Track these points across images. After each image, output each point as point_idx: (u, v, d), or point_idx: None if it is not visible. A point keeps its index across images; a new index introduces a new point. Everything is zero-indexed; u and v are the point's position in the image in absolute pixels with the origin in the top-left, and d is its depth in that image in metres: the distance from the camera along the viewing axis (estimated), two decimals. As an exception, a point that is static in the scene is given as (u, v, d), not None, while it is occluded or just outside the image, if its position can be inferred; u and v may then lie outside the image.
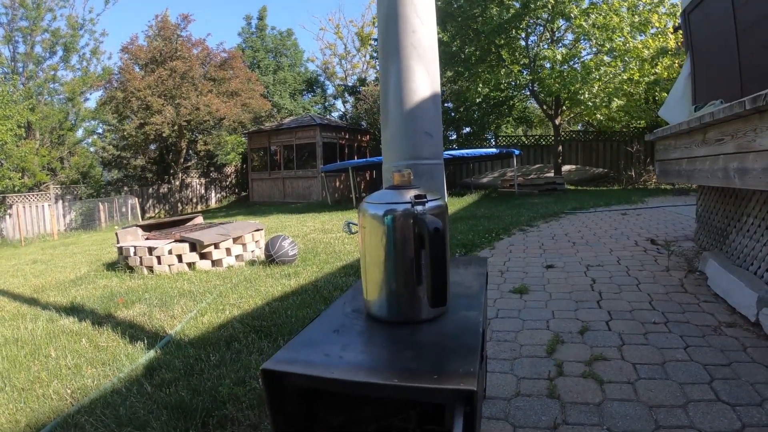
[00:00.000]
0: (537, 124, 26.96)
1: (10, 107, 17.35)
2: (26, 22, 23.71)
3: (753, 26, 4.16)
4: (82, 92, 25.28)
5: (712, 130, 3.93)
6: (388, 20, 1.94)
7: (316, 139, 21.74)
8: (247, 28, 35.05)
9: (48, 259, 10.27)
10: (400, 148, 1.91)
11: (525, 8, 15.35)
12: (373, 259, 1.25)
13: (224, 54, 25.44)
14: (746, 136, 3.21)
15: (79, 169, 24.39)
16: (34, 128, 22.39)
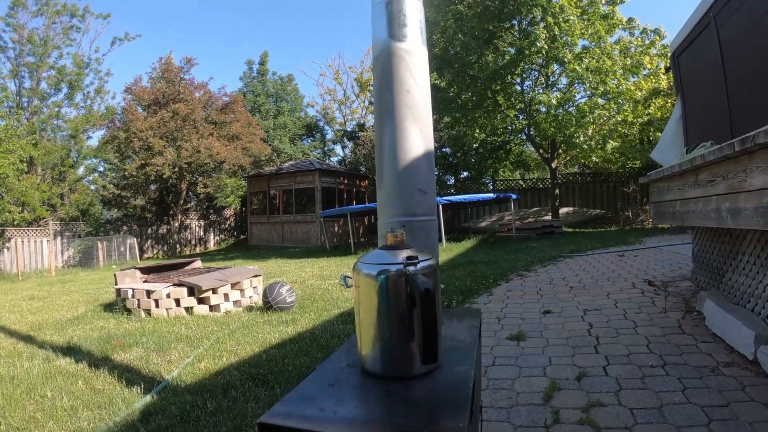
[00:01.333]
0: (534, 167, 27.20)
1: (13, 141, 17.51)
2: (33, 58, 24.17)
3: (740, 68, 4.27)
4: (85, 130, 25.55)
5: (703, 171, 3.99)
6: (383, 80, 2.02)
7: (315, 184, 21.91)
8: (249, 72, 35.71)
9: (45, 295, 10.25)
10: (395, 205, 1.97)
11: (520, 54, 15.67)
12: (367, 316, 1.29)
13: (226, 98, 25.90)
14: (737, 177, 3.26)
15: (79, 206, 24.47)
16: (36, 163, 22.51)
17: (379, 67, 2.02)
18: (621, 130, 16.03)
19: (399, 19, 2.00)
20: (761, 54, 3.88)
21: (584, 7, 16.19)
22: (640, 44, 16.48)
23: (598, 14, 16.20)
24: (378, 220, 2.08)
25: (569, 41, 15.50)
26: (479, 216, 22.31)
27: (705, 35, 5.16)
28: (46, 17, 24.76)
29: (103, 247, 20.17)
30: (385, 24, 2.01)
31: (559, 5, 15.15)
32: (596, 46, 15.94)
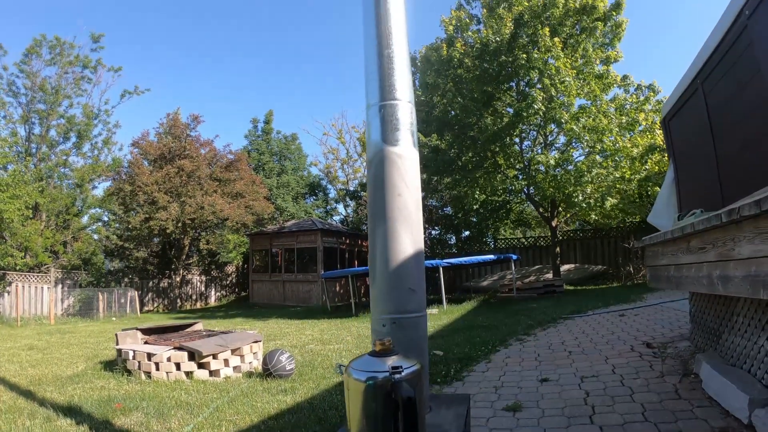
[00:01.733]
0: (535, 225, 27.38)
1: (20, 187, 17.69)
2: (44, 105, 24.64)
3: (728, 134, 4.40)
4: (91, 180, 25.77)
5: (694, 239, 4.05)
6: (376, 184, 2.15)
7: (317, 243, 22.05)
8: (254, 130, 36.35)
9: (44, 346, 10.22)
10: (387, 302, 2.07)
11: (518, 116, 16.02)
12: (356, 415, 1.39)
13: (231, 156, 26.35)
14: (726, 245, 3.32)
15: (82, 255, 24.52)
16: (41, 209, 22.67)
17: (373, 170, 2.17)
18: (619, 186, 16.20)
19: (391, 123, 2.16)
20: (748, 121, 4.00)
21: (579, 68, 16.65)
22: (635, 101, 16.85)
23: (593, 74, 16.67)
24: (371, 314, 2.18)
25: (566, 101, 15.85)
26: (481, 275, 22.31)
27: (693, 101, 5.30)
28: (59, 66, 25.41)
29: (104, 299, 20.17)
30: (378, 127, 2.17)
31: (555, 67, 15.55)
32: (592, 104, 16.30)
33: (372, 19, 2.33)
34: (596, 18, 16.70)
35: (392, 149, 2.15)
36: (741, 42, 4.25)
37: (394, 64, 2.24)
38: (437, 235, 25.66)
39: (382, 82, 2.22)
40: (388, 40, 2.25)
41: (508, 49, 16.20)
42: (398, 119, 2.18)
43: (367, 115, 2.27)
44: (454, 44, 17.74)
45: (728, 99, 4.50)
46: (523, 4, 17.01)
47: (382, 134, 2.17)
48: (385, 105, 2.19)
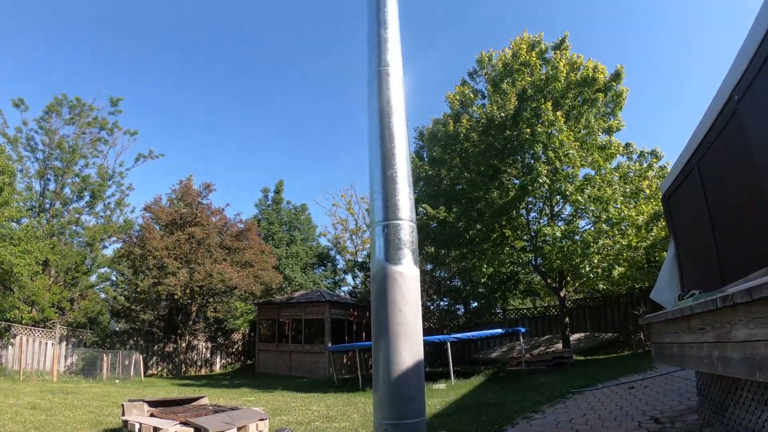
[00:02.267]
0: (544, 294, 27.21)
1: (32, 243, 17.87)
2: (60, 163, 25.28)
3: (724, 214, 4.51)
4: (102, 239, 26.13)
5: (694, 319, 4.11)
6: (379, 300, 2.33)
7: (325, 315, 22.05)
8: (264, 200, 36.92)
9: (48, 406, 10.12)
10: (389, 409, 2.21)
11: (523, 190, 16.28)
12: None
13: (241, 225, 26.74)
14: (723, 327, 3.39)
15: (88, 313, 24.51)
16: (50, 265, 22.82)
17: (376, 287, 2.36)
18: (626, 255, 16.19)
19: (394, 243, 2.38)
20: (743, 202, 4.12)
21: (582, 138, 16.98)
22: (639, 168, 17.07)
23: (596, 145, 16.99)
24: (373, 419, 2.30)
25: (570, 173, 16.10)
26: (490, 346, 22.08)
27: (690, 181, 5.44)
28: (77, 126, 26.31)
29: (108, 360, 20.06)
30: (382, 246, 2.39)
31: (559, 140, 15.85)
32: (597, 173, 16.53)
33: (377, 140, 2.58)
34: (597, 89, 17.21)
35: (394, 268, 2.35)
36: (732, 125, 4.43)
37: (397, 184, 2.47)
38: (446, 306, 25.54)
39: (386, 202, 2.44)
40: (391, 161, 2.49)
41: (513, 123, 16.60)
42: (400, 239, 2.39)
43: (372, 233, 2.49)
44: (459, 119, 18.23)
45: (723, 180, 4.63)
46: (526, 79, 17.60)
47: (386, 253, 2.38)
48: (388, 225, 2.40)
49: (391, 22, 3.28)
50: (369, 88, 2.99)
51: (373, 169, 2.57)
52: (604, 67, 17.53)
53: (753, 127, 4.03)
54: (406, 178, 2.55)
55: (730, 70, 4.47)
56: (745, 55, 4.11)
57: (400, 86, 2.99)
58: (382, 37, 3.19)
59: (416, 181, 20.84)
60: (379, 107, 2.86)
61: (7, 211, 16.88)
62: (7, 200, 17.17)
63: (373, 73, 3.03)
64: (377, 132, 2.67)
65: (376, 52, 3.13)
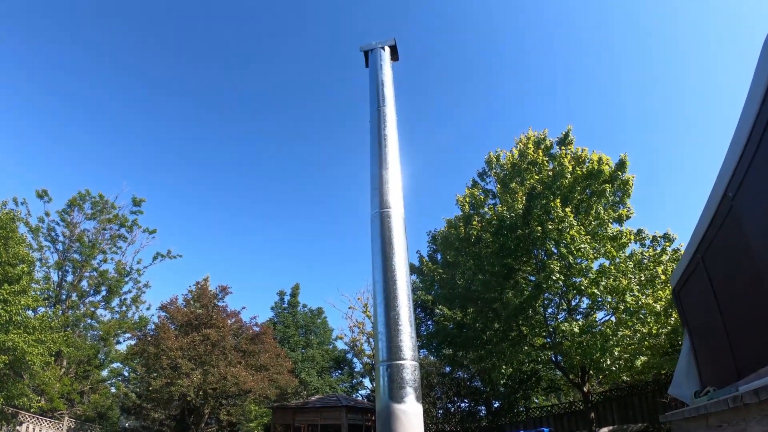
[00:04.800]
0: (567, 390, 26.32)
1: (46, 333, 17.74)
2: (79, 255, 25.74)
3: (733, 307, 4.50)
4: (116, 334, 26.14)
5: (711, 417, 4.13)
6: None
7: (342, 420, 21.53)
8: (280, 303, 36.97)
9: None
10: None
11: (538, 288, 16.25)
12: None
13: (256, 328, 26.60)
14: (738, 425, 3.43)
15: (98, 408, 23.98)
16: (63, 356, 22.63)
17: (380, 424, 2.55)
18: (648, 343, 15.77)
19: (397, 382, 2.55)
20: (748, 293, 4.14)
21: (594, 229, 16.99)
22: (653, 254, 16.89)
23: (608, 237, 16.96)
24: None
25: (584, 266, 16.02)
26: (516, 448, 21.19)
27: (697, 275, 5.48)
28: (97, 221, 27.09)
29: (116, 458, 19.33)
30: (386, 386, 2.57)
31: (570, 236, 15.90)
32: (611, 263, 16.39)
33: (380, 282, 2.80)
34: (603, 180, 17.39)
35: (398, 406, 2.50)
36: (730, 221, 4.54)
37: (399, 325, 2.66)
38: (466, 408, 24.78)
39: (389, 343, 2.64)
40: (393, 303, 2.69)
41: (524, 222, 16.79)
42: (403, 378, 2.55)
43: (377, 371, 2.68)
44: (470, 222, 18.48)
45: (728, 274, 4.68)
46: (534, 178, 17.93)
47: (390, 392, 2.54)
48: (391, 365, 2.56)
49: (392, 162, 3.58)
50: (372, 228, 3.21)
51: (377, 309, 2.77)
52: (608, 158, 17.81)
53: (749, 222, 4.13)
54: (408, 319, 2.74)
55: (722, 167, 4.63)
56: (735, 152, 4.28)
57: (400, 226, 3.22)
58: (383, 177, 3.47)
59: (431, 284, 20.87)
60: (381, 250, 3.05)
61: (24, 299, 16.99)
62: (25, 288, 17.33)
63: (376, 214, 3.27)
64: (380, 275, 2.88)
65: (377, 193, 3.40)
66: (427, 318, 22.41)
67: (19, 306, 16.75)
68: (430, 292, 21.58)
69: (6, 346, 16.27)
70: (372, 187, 3.45)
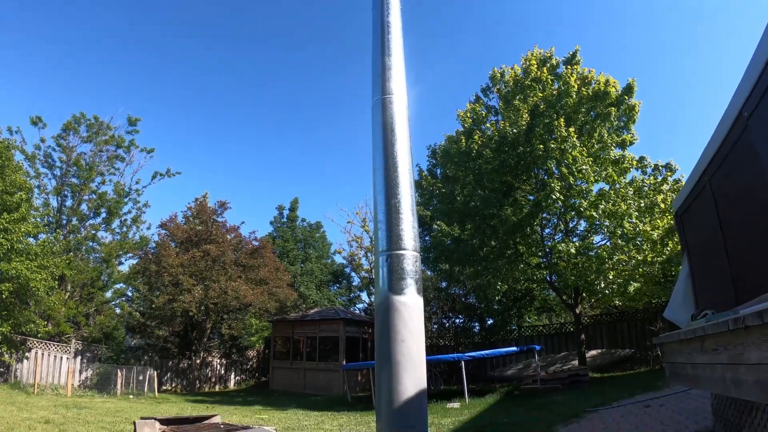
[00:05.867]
0: (559, 310, 26.95)
1: (48, 258, 18.03)
2: (77, 179, 25.66)
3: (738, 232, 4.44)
4: (118, 255, 26.36)
5: (707, 340, 4.03)
6: (382, 330, 2.34)
7: (340, 332, 22.02)
8: (279, 217, 37.03)
9: (60, 421, 10.20)
10: None
11: (537, 207, 16.22)
12: None
13: (256, 242, 26.77)
14: (736, 349, 3.32)
15: (103, 328, 24.58)
16: (67, 280, 23.02)
17: (380, 316, 2.38)
18: (642, 270, 16.01)
19: (397, 273, 2.40)
20: (756, 219, 4.06)
21: (596, 153, 16.84)
22: (653, 182, 16.90)
23: (610, 160, 16.86)
24: None
25: (584, 188, 16.00)
26: (505, 364, 21.89)
27: (703, 198, 5.37)
28: (94, 144, 26.65)
29: (122, 375, 20.13)
30: (386, 276, 2.41)
31: (572, 156, 15.78)
32: (611, 188, 16.41)
33: (380, 168, 2.61)
34: (609, 103, 17.08)
35: (398, 298, 2.36)
36: (743, 142, 4.38)
37: (400, 214, 2.49)
38: (461, 323, 25.39)
39: (389, 232, 2.47)
40: (395, 190, 2.51)
41: (526, 139, 16.56)
42: (403, 269, 2.41)
43: (376, 262, 2.51)
44: (472, 136, 18.23)
45: (736, 198, 4.57)
46: (537, 95, 17.60)
47: (389, 283, 2.39)
48: (391, 255, 2.42)
49: (395, 49, 3.34)
50: (373, 116, 3.03)
51: (377, 198, 2.60)
52: (615, 81, 17.45)
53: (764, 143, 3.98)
54: (410, 208, 2.57)
55: (739, 85, 4.43)
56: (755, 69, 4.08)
57: (404, 114, 3.02)
58: (386, 64, 3.23)
59: (430, 199, 20.81)
60: (382, 136, 2.89)
61: (24, 226, 17.04)
62: (25, 216, 17.34)
63: (377, 101, 3.07)
64: (381, 161, 2.70)
65: (379, 80, 3.18)
66: (425, 233, 22.49)
67: (19, 234, 16.76)
68: (428, 207, 21.60)
69: (9, 275, 16.41)
70: (374, 74, 3.28)
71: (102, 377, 20.59)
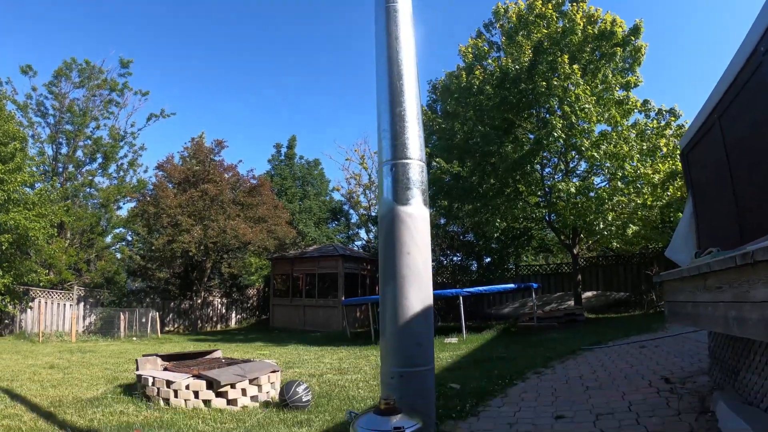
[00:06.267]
0: (557, 251, 27.12)
1: (46, 206, 18.07)
2: (71, 126, 25.40)
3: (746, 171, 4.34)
4: (116, 200, 26.50)
5: (711, 277, 3.97)
6: (387, 242, 2.21)
7: (338, 269, 22.14)
8: (277, 155, 36.80)
9: (65, 365, 10.38)
10: (396, 356, 2.12)
11: (538, 144, 16.02)
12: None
13: (254, 181, 26.67)
14: (741, 287, 3.27)
15: (104, 274, 24.88)
16: (66, 228, 23.18)
17: (384, 229, 2.24)
18: (641, 213, 16.04)
19: (402, 183, 2.23)
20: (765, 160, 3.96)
21: (599, 93, 16.61)
22: (656, 126, 16.74)
23: (613, 100, 16.63)
24: (381, 367, 2.23)
25: (586, 128, 15.82)
26: (502, 302, 22.14)
27: (711, 136, 5.24)
28: (87, 89, 26.30)
29: (125, 318, 20.42)
30: (390, 186, 2.24)
31: (575, 94, 15.55)
32: (613, 130, 16.26)
33: (384, 77, 2.42)
34: (615, 43, 16.71)
35: (403, 209, 2.21)
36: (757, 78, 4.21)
37: (405, 122, 2.31)
38: (459, 261, 25.57)
39: (394, 141, 2.29)
40: (399, 99, 2.33)
41: (528, 76, 16.25)
42: (409, 178, 2.25)
43: (380, 172, 2.34)
44: (473, 72, 17.87)
45: (746, 136, 4.44)
46: (541, 32, 17.18)
47: (394, 193, 2.24)
48: (397, 164, 2.25)
49: None
50: (376, 24, 2.84)
51: (381, 106, 2.43)
52: (622, 21, 17.03)
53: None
54: (416, 117, 2.40)
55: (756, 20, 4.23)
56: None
57: (409, 23, 2.83)
58: None
59: (429, 135, 20.54)
60: (387, 43, 2.72)
61: (20, 176, 16.97)
62: (20, 166, 17.23)
63: (381, 8, 2.86)
64: (385, 69, 2.52)
65: None
66: (423, 169, 22.37)
67: (15, 184, 16.71)
68: (427, 144, 21.40)
69: (8, 226, 16.43)
70: (377, -19, 3.13)
71: (105, 321, 20.86)
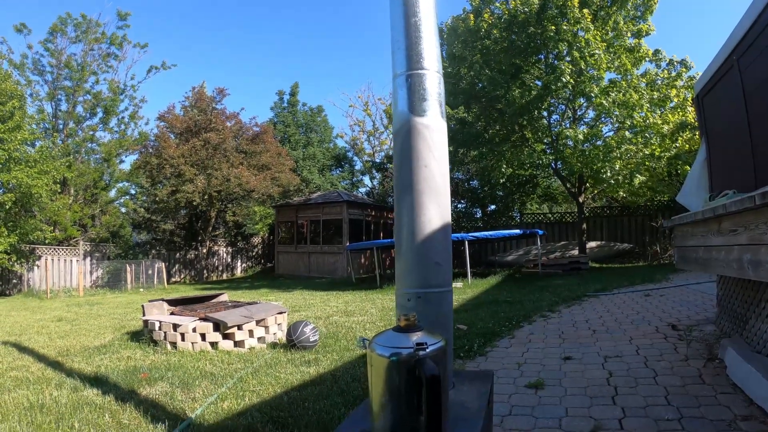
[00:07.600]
0: (561, 200, 27.06)
1: (48, 163, 18.00)
2: (70, 82, 24.96)
3: (764, 115, 4.21)
4: (118, 154, 26.19)
5: (726, 220, 3.90)
6: (403, 155, 2.09)
7: (343, 215, 22.08)
8: (280, 103, 36.28)
9: (73, 318, 10.48)
10: (412, 276, 2.04)
11: (546, 89, 15.71)
12: (379, 391, 1.39)
13: (256, 128, 26.35)
14: (758, 229, 3.20)
15: (110, 228, 24.98)
16: (69, 184, 23.11)
17: (399, 141, 2.12)
18: (648, 164, 15.89)
19: (419, 93, 2.10)
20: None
21: (610, 41, 16.24)
22: (667, 76, 16.44)
23: (624, 48, 16.25)
24: (396, 289, 2.17)
25: (595, 75, 15.51)
26: (506, 249, 22.21)
27: (728, 78, 5.08)
28: (84, 44, 25.67)
29: (132, 270, 20.58)
30: (405, 97, 2.11)
31: (585, 40, 15.17)
32: (623, 78, 15.96)
33: None
34: (627, -12, 16.21)
35: (419, 120, 2.10)
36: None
37: (421, 32, 2.17)
38: (463, 208, 25.54)
39: (409, 51, 2.16)
40: (414, 8, 2.18)
41: (537, 20, 15.80)
42: (426, 89, 2.12)
43: (394, 85, 2.21)
44: (481, 15, 17.38)
45: (765, 80, 4.29)
46: (552, -27, 16.61)
47: (409, 105, 2.12)
48: (412, 74, 2.13)
49: None
50: None
51: (395, 17, 2.26)
52: (635, -34, 16.44)
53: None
54: (433, 27, 2.24)
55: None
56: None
57: None
58: None
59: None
60: None
61: (20, 134, 16.83)
62: (19, 124, 17.03)
63: None
64: None
65: None
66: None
67: (16, 142, 16.53)
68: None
69: (11, 185, 16.39)
70: None
71: (112, 275, 21.03)
